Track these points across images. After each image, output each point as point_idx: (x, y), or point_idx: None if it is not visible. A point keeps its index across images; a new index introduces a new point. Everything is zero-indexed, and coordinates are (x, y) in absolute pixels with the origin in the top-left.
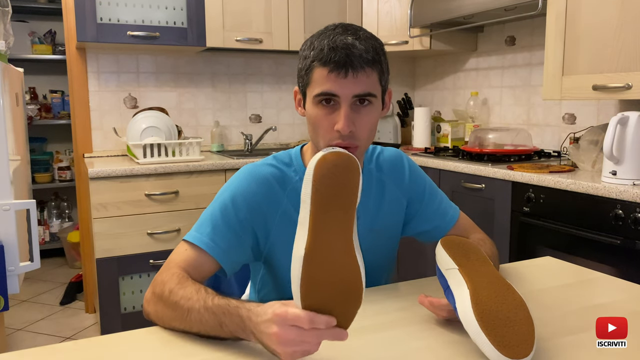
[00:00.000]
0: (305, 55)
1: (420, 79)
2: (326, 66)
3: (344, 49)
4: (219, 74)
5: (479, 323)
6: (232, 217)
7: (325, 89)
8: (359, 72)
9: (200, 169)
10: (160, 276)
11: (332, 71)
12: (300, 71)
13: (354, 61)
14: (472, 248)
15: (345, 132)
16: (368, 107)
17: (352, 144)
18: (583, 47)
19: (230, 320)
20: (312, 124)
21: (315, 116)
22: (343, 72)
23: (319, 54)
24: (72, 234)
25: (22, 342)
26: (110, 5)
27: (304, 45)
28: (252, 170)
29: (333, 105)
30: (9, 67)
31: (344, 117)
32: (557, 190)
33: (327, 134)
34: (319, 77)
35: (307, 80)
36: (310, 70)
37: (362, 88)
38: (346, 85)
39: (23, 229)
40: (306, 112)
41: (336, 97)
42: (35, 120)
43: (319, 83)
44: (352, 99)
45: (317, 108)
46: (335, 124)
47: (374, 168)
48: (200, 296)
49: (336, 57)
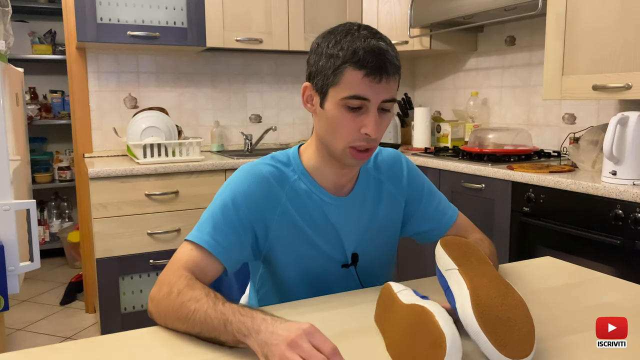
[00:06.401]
0: (332, 53)
1: (420, 79)
2: (361, 69)
3: (380, 54)
4: (219, 74)
5: (479, 323)
6: (232, 216)
7: (358, 92)
8: (390, 77)
9: (200, 169)
10: (167, 277)
11: (368, 75)
12: (322, 69)
13: (389, 67)
14: (471, 248)
15: (374, 136)
16: (388, 112)
17: (373, 146)
18: (583, 47)
19: (238, 320)
20: (332, 124)
21: (339, 117)
22: (378, 77)
23: (353, 56)
24: (72, 234)
25: (22, 342)
26: (110, 5)
27: (326, 42)
28: (250, 169)
29: (360, 108)
30: (9, 67)
31: (373, 122)
32: (557, 190)
33: (349, 135)
34: (352, 79)
35: (335, 80)
36: (341, 71)
37: (390, 94)
38: (379, 91)
39: (23, 229)
40: (325, 111)
41: (367, 100)
42: (35, 120)
43: (351, 85)
44: (381, 104)
45: (343, 109)
46: (361, 127)
47: (372, 168)
48: (210, 299)
49: (373, 61)
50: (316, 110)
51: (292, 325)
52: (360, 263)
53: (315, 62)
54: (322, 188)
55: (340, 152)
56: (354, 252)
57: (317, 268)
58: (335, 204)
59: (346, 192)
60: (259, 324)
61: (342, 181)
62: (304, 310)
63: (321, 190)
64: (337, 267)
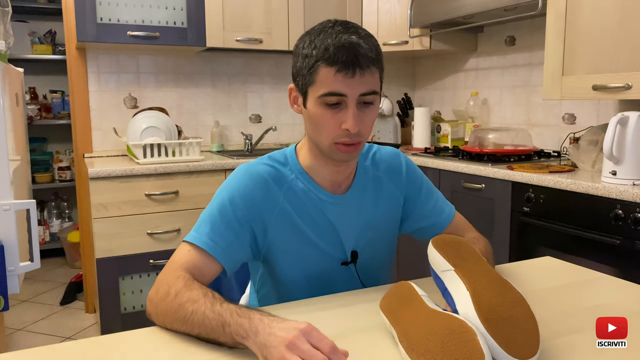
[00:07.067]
0: (307, 53)
1: (420, 79)
2: (333, 66)
3: (350, 48)
4: (219, 74)
5: (485, 325)
6: (230, 216)
7: (332, 88)
8: (366, 71)
9: (200, 169)
10: (165, 277)
11: (340, 71)
12: (300, 70)
13: (361, 60)
14: (465, 246)
15: (355, 131)
16: (371, 105)
17: (357, 140)
18: (583, 47)
19: (235, 321)
20: (315, 123)
21: (320, 115)
22: (351, 72)
23: (325, 53)
24: (72, 234)
25: (22, 342)
26: (110, 5)
27: (302, 42)
28: (248, 169)
29: (339, 104)
30: (9, 67)
31: (352, 117)
32: (557, 190)
33: (332, 132)
34: (325, 76)
35: (311, 79)
36: (315, 70)
37: (368, 87)
38: (354, 85)
39: (23, 229)
40: (307, 110)
41: (343, 96)
42: (35, 120)
43: (326, 83)
44: (359, 98)
45: (322, 107)
46: (342, 123)
47: (369, 165)
48: (208, 299)
49: (344, 56)
50: (301, 110)
51: (289, 325)
52: (360, 261)
53: (294, 64)
54: (320, 186)
55: (327, 149)
56: (353, 249)
57: (317, 266)
58: (333, 202)
59: (344, 190)
60: (256, 325)
61: (339, 179)
62: (304, 310)
63: (319, 188)
64: (336, 265)
